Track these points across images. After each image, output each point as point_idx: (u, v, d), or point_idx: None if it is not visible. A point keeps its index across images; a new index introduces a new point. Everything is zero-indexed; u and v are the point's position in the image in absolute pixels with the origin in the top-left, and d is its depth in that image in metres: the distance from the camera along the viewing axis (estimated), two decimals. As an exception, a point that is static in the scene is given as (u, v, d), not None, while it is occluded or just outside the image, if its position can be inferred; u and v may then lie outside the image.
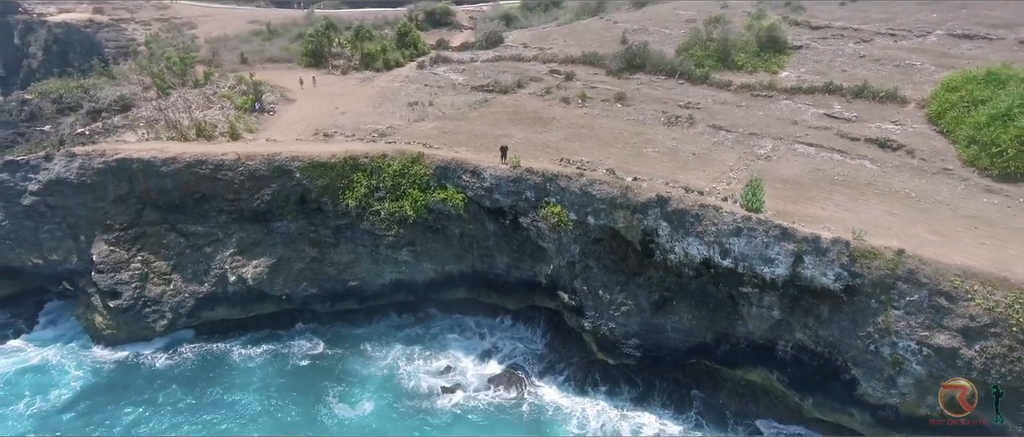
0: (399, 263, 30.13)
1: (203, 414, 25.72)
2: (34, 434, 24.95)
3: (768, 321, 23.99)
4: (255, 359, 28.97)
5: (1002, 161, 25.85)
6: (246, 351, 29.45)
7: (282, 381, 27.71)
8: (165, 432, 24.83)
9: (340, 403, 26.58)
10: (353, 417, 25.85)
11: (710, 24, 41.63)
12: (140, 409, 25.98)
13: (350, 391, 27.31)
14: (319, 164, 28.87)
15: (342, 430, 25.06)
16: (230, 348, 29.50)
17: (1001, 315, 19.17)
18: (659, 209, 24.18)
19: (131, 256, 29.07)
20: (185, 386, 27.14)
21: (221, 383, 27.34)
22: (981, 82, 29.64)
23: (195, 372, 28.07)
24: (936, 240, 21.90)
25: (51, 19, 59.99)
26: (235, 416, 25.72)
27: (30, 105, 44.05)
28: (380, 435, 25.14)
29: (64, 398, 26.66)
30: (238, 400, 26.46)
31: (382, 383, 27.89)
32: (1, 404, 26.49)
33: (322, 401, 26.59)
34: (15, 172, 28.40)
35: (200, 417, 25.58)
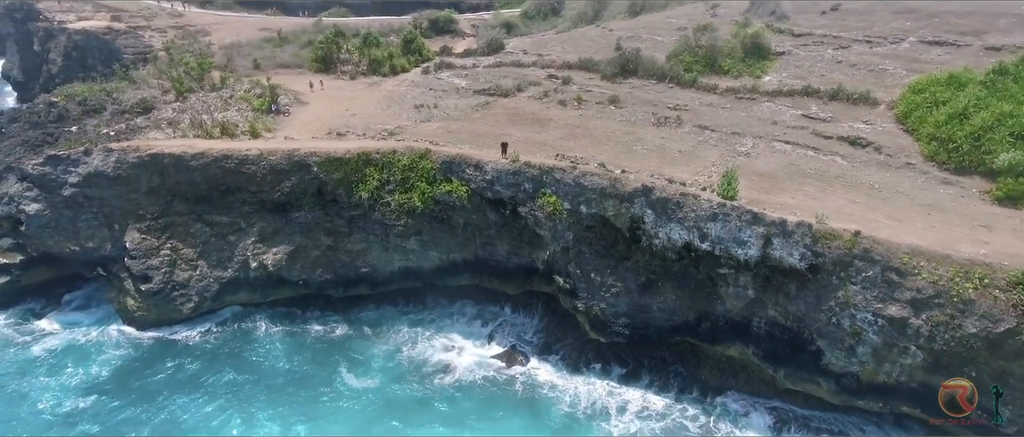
0: (407, 251, 32.79)
1: (232, 385, 28.41)
2: (84, 400, 27.59)
3: (743, 299, 26.60)
4: (276, 338, 31.66)
5: (958, 156, 28.54)
6: (267, 331, 32.15)
7: (301, 357, 30.36)
8: (199, 400, 27.42)
9: (352, 376, 29.30)
10: (363, 387, 28.50)
11: (699, 32, 44.39)
12: (175, 380, 28.72)
13: (361, 366, 29.99)
14: (335, 159, 31.60)
15: (355, 399, 27.64)
16: (253, 328, 32.19)
17: (944, 287, 21.77)
18: (644, 198, 26.86)
19: (161, 243, 31.75)
20: (214, 361, 29.82)
21: (247, 358, 30.03)
22: (944, 85, 32.39)
23: (223, 349, 30.77)
24: (892, 224, 24.54)
25: (71, 26, 62.91)
26: (260, 386, 28.43)
27: (57, 107, 46.77)
28: (388, 406, 27.71)
29: (106, 371, 29.45)
30: (262, 373, 29.21)
31: (389, 359, 30.63)
32: (50, 376, 29.23)
33: (337, 373, 29.28)
34: (57, 165, 31.11)
35: (230, 387, 28.28)
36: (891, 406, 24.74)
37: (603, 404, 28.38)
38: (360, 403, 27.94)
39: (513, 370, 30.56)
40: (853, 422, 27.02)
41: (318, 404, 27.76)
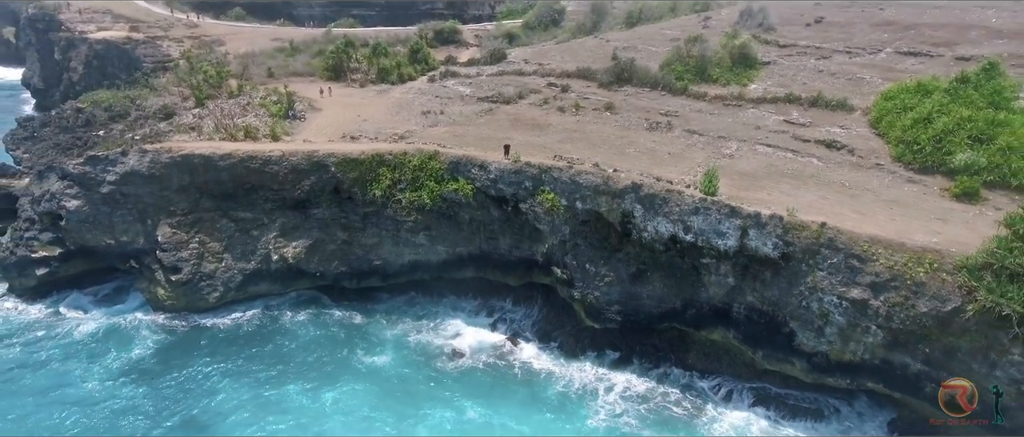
0: (417, 245, 35.59)
1: (260, 363, 31.24)
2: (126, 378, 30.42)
3: (724, 287, 29.35)
4: (297, 324, 34.48)
5: (921, 156, 31.34)
6: (288, 318, 34.96)
7: (321, 340, 33.17)
8: (230, 376, 30.23)
9: (367, 358, 32.10)
10: (379, 366, 31.42)
11: (690, 42, 47.30)
12: (207, 359, 31.49)
13: (376, 348, 32.84)
14: (351, 160, 34.49)
15: (372, 377, 30.47)
16: (275, 315, 35.03)
17: (899, 272, 24.50)
18: (634, 194, 29.67)
19: (190, 237, 34.59)
20: (241, 343, 32.64)
21: (271, 341, 32.83)
22: (912, 92, 35.26)
23: (248, 333, 33.59)
24: (856, 217, 27.31)
25: (92, 36, 66.06)
26: (286, 364, 31.25)
27: (85, 113, 50.02)
28: (402, 383, 30.53)
29: (143, 352, 32.28)
30: (286, 353, 32.06)
31: (401, 343, 33.46)
32: (91, 357, 31.98)
33: (353, 355, 32.11)
34: (96, 165, 33.99)
35: (258, 365, 31.08)
36: (857, 382, 27.38)
37: (593, 387, 31.04)
38: (376, 380, 30.71)
39: (513, 355, 33.29)
40: (825, 400, 29.64)
41: (339, 380, 30.52)
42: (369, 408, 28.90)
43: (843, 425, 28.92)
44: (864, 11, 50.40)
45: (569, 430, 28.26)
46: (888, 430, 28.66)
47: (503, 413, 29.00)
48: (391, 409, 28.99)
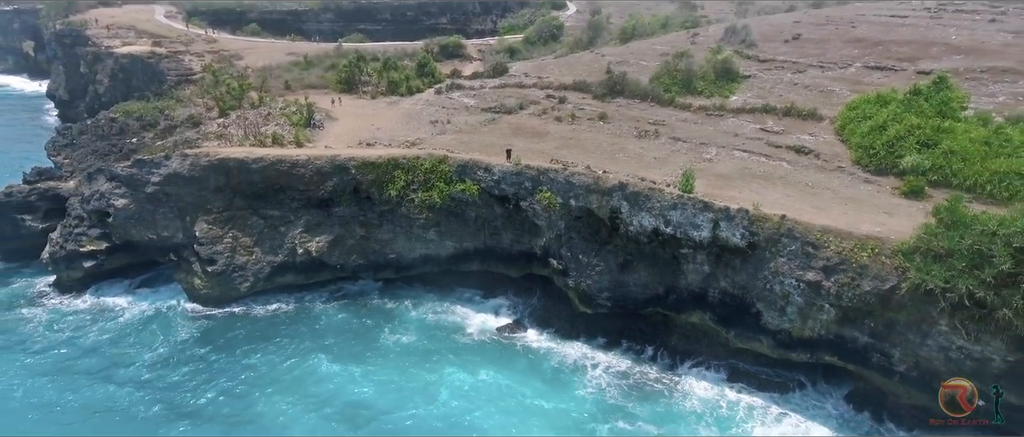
0: (427, 241, 39.84)
1: (293, 341, 35.53)
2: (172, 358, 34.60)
3: (701, 274, 33.53)
4: (322, 309, 38.88)
5: (876, 160, 35.56)
6: (314, 304, 39.32)
7: (348, 324, 37.53)
8: (268, 354, 34.49)
9: (392, 337, 36.68)
10: (401, 343, 35.91)
11: (677, 58, 51.78)
12: (246, 340, 35.70)
13: (398, 330, 37.40)
14: (369, 163, 38.83)
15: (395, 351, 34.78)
16: (301, 302, 39.40)
17: (847, 256, 28.64)
18: (620, 192, 33.95)
19: (224, 233, 38.85)
20: (274, 326, 36.91)
21: (301, 323, 37.23)
22: (872, 102, 39.57)
23: (280, 319, 37.91)
24: (814, 211, 31.50)
25: (118, 51, 70.70)
26: (318, 345, 35.56)
27: (118, 122, 54.41)
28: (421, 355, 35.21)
29: (185, 336, 36.45)
30: (315, 333, 36.46)
31: (421, 325, 37.85)
32: (138, 341, 36.13)
33: (381, 334, 36.69)
34: (142, 168, 38.35)
35: (291, 343, 35.37)
36: (816, 356, 31.44)
37: (583, 363, 35.23)
38: (402, 354, 35.41)
39: (516, 336, 37.47)
40: (790, 375, 33.68)
41: (369, 354, 35.09)
42: (398, 375, 33.47)
43: (806, 397, 32.97)
44: (838, 29, 54.91)
45: (563, 396, 32.37)
46: (846, 401, 32.70)
47: (508, 378, 33.48)
48: (416, 376, 33.54)
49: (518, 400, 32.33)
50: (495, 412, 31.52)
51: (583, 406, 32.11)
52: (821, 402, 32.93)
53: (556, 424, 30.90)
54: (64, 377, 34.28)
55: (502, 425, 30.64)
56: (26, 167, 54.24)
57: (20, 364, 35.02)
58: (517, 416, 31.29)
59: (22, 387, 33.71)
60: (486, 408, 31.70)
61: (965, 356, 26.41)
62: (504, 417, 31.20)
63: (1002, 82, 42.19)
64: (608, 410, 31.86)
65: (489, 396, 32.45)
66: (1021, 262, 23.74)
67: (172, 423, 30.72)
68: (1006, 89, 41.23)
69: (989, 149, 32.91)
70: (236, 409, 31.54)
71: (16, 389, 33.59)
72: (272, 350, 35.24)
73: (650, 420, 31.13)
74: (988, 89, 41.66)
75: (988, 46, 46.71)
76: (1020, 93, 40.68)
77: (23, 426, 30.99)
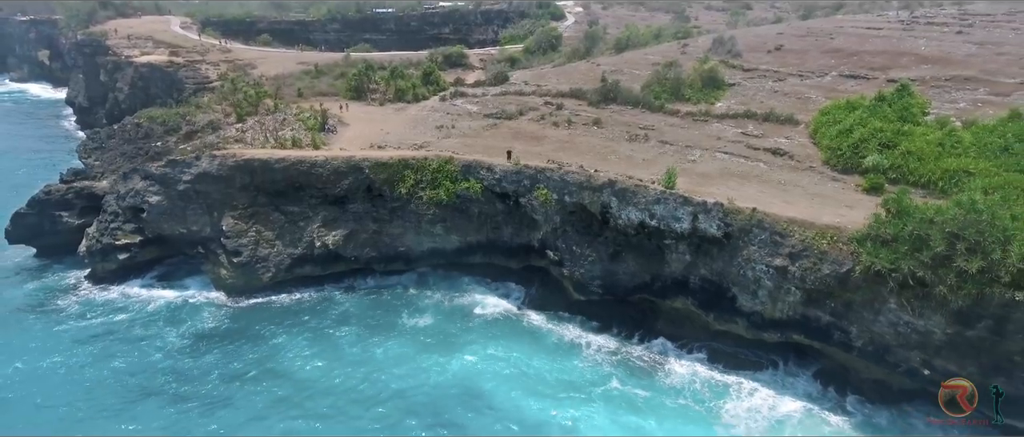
0: (434, 235, 43.70)
1: (316, 325, 39.40)
2: (202, 343, 38.33)
3: (683, 262, 37.34)
4: (342, 297, 42.92)
5: (843, 160, 39.38)
6: (333, 293, 43.25)
7: (367, 310, 41.54)
8: (293, 338, 38.23)
9: (409, 320, 40.65)
10: (418, 326, 39.97)
11: (666, 67, 55.74)
12: (272, 325, 39.51)
13: (414, 314, 41.41)
14: (381, 163, 42.75)
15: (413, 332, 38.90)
16: (321, 291, 43.34)
17: (809, 244, 32.43)
18: (610, 188, 37.82)
19: (248, 227, 42.70)
20: (298, 312, 40.83)
21: (323, 310, 41.13)
22: (842, 108, 43.46)
23: (302, 307, 41.83)
24: (783, 205, 35.32)
25: (137, 60, 74.90)
26: (340, 328, 39.34)
27: (143, 127, 58.32)
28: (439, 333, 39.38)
29: (213, 322, 40.28)
30: (336, 318, 40.42)
31: (436, 310, 41.93)
32: (169, 326, 39.88)
33: (399, 318, 40.73)
34: (175, 167, 42.28)
35: (314, 327, 39.22)
36: (785, 335, 35.19)
37: (579, 341, 39.03)
38: (419, 334, 39.47)
39: (518, 319, 41.30)
40: (764, 356, 37.28)
41: (390, 335, 39.00)
42: (415, 351, 37.57)
43: (777, 375, 36.59)
44: (818, 40, 58.85)
45: (563, 367, 36.28)
46: (814, 378, 36.33)
47: (514, 353, 37.73)
48: (433, 351, 37.59)
49: (523, 370, 36.22)
50: (503, 379, 35.38)
51: (582, 375, 36.01)
52: (791, 379, 36.52)
53: (557, 389, 34.72)
54: (101, 358, 37.84)
55: (508, 390, 34.43)
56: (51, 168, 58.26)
57: (61, 347, 38.69)
58: (522, 383, 35.12)
59: (65, 366, 37.39)
60: (495, 377, 35.61)
61: (911, 330, 30.18)
62: (510, 383, 35.03)
63: (964, 89, 46.07)
64: (603, 377, 35.74)
65: (497, 367, 36.45)
66: (953, 245, 27.49)
67: (204, 395, 34.38)
68: (967, 96, 45.11)
69: (942, 150, 36.79)
70: (266, 381, 35.24)
71: (59, 367, 37.26)
72: (296, 332, 39.07)
73: (638, 387, 34.87)
74: (951, 96, 45.53)
75: (954, 56, 50.66)
76: (979, 99, 44.55)
77: (67, 399, 34.46)
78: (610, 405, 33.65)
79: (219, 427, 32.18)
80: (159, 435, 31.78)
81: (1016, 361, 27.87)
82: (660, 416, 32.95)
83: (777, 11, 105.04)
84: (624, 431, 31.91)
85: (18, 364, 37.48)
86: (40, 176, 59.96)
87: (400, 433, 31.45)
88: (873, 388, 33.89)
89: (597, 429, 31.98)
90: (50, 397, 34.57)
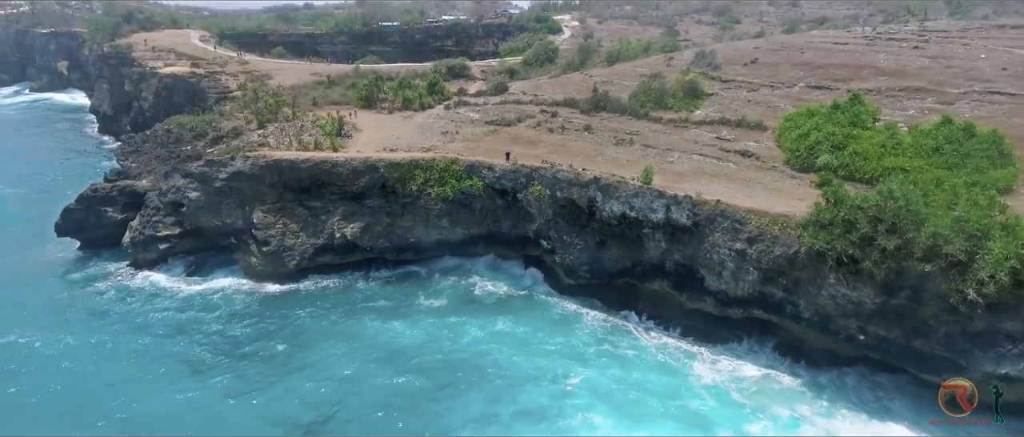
0: (441, 227, 49.65)
1: (340, 306, 45.18)
2: (237, 323, 44.13)
3: (659, 249, 43.23)
4: (364, 286, 48.71)
5: (800, 160, 45.34)
6: (353, 279, 49.21)
7: (385, 293, 47.33)
8: (319, 318, 44.03)
9: (425, 301, 46.50)
10: (433, 307, 45.84)
11: (652, 78, 61.89)
12: (300, 307, 45.25)
13: (430, 296, 47.22)
14: (394, 164, 48.76)
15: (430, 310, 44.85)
16: (342, 278, 49.26)
17: (763, 230, 38.31)
18: (595, 184, 43.81)
19: (276, 220, 48.62)
20: (322, 298, 46.65)
21: (346, 294, 47.01)
22: (804, 115, 49.51)
23: (326, 292, 47.75)
24: (744, 198, 41.21)
25: (161, 71, 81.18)
26: (361, 309, 45.10)
27: (174, 133, 64.40)
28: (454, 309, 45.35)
29: (246, 305, 45.81)
30: (358, 300, 46.26)
31: (445, 292, 47.78)
32: (205, 310, 45.27)
33: (415, 299, 46.49)
34: (213, 167, 48.29)
35: (338, 307, 45.03)
36: (747, 311, 40.96)
37: (571, 318, 44.87)
38: (435, 313, 45.27)
39: (522, 295, 47.36)
40: (731, 332, 42.94)
41: (408, 314, 44.78)
42: (430, 326, 43.37)
43: (740, 346, 42.24)
44: (789, 54, 64.98)
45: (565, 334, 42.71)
46: (773, 350, 42.03)
47: (520, 326, 43.65)
48: (448, 326, 43.50)
49: (525, 339, 42.17)
50: (508, 345, 41.30)
51: (575, 341, 42.05)
52: (753, 353, 42.11)
53: (553, 351, 40.79)
54: (143, 335, 43.29)
55: (512, 353, 40.29)
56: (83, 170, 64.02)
57: (108, 326, 44.27)
58: (524, 348, 41.01)
59: (112, 341, 42.90)
60: (501, 343, 41.56)
61: (847, 301, 36.02)
62: (514, 348, 40.94)
63: (915, 99, 52.18)
64: (599, 341, 41.99)
65: (505, 337, 42.45)
66: (876, 227, 33.37)
67: (238, 366, 39.93)
68: (916, 104, 51.20)
69: (884, 151, 42.81)
70: (295, 354, 40.92)
71: (107, 343, 42.74)
72: (321, 313, 44.89)
73: (627, 348, 40.88)
74: (903, 104, 51.63)
75: (908, 69, 56.78)
76: (927, 108, 50.61)
77: (116, 370, 39.82)
78: (600, 362, 39.57)
79: (252, 391, 37.52)
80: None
81: (931, 324, 33.70)
82: (643, 370, 38.83)
83: (764, 25, 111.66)
84: (611, 382, 37.67)
85: (70, 339, 42.99)
86: (71, 178, 66.15)
87: (419, 389, 37.08)
88: (822, 356, 39.60)
89: (588, 381, 37.74)
90: (101, 366, 39.87)
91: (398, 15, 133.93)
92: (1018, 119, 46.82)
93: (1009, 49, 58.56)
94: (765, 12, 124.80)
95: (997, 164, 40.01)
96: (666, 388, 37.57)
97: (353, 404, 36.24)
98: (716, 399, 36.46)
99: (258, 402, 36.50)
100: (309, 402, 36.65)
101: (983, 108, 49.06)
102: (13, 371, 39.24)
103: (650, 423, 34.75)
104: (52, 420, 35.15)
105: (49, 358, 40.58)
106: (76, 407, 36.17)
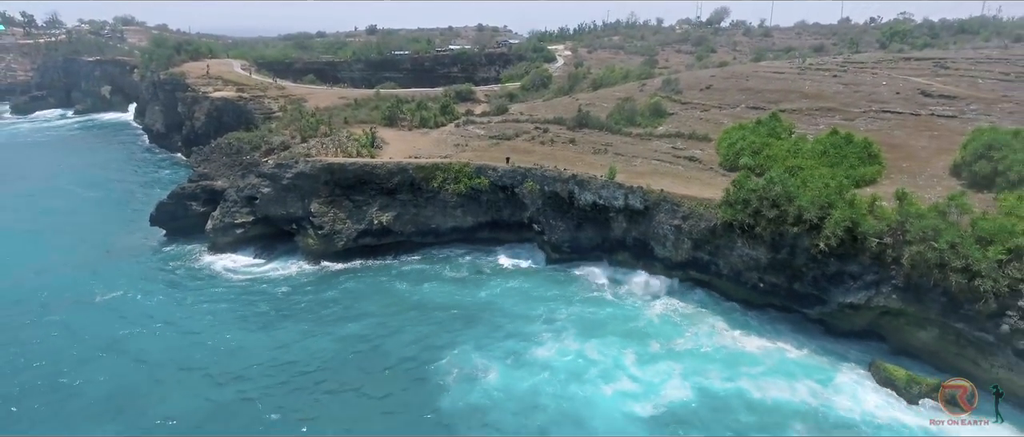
0: (456, 216, 65.69)
1: (379, 281, 60.62)
2: (298, 294, 59.84)
3: (622, 228, 59.19)
4: (397, 262, 64.25)
5: (729, 162, 61.56)
6: (389, 257, 64.85)
7: (415, 268, 62.60)
8: (364, 287, 59.58)
9: (448, 273, 61.72)
10: (455, 277, 61.09)
11: (625, 101, 78.40)
12: (344, 282, 60.42)
13: (452, 269, 62.30)
14: (421, 166, 64.98)
15: (452, 280, 60.27)
16: (380, 257, 64.88)
17: (693, 210, 54.24)
18: (573, 180, 59.97)
19: (328, 210, 64.57)
20: (364, 273, 62.12)
21: (383, 268, 62.52)
22: (735, 129, 65.84)
23: (368, 269, 63.73)
24: (684, 189, 57.28)
25: (212, 95, 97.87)
26: (395, 279, 60.61)
27: (234, 145, 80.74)
28: (470, 282, 60.31)
29: (305, 281, 60.87)
30: (393, 273, 61.59)
31: (463, 266, 63.16)
32: (270, 285, 60.35)
33: (442, 271, 61.63)
34: (280, 167, 64.45)
35: (377, 278, 60.57)
36: (686, 272, 56.75)
37: (563, 277, 60.57)
38: (455, 282, 59.80)
39: (526, 266, 63.07)
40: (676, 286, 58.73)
41: (433, 282, 59.69)
42: (452, 289, 58.59)
43: (688, 296, 57.87)
44: (737, 82, 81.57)
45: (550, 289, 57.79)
46: (705, 294, 57.59)
47: (524, 284, 58.84)
48: (466, 289, 58.44)
49: (527, 293, 57.44)
50: (514, 298, 56.50)
51: (568, 292, 57.35)
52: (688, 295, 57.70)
53: (549, 298, 56.08)
54: (223, 302, 58.25)
55: (516, 302, 55.49)
56: (147, 176, 79.87)
57: (196, 290, 59.72)
58: (527, 299, 56.28)
59: (198, 299, 58.23)
60: (508, 297, 56.72)
61: (750, 258, 51.81)
62: (518, 299, 56.18)
63: (826, 116, 68.57)
64: (582, 292, 57.43)
65: (510, 292, 57.62)
66: (762, 202, 49.23)
67: (305, 315, 55.17)
68: (826, 121, 67.53)
69: (789, 154, 59.01)
70: (349, 307, 56.34)
71: (197, 302, 58.11)
72: (364, 282, 60.44)
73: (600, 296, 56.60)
74: (816, 121, 68.00)
75: (825, 93, 73.32)
76: (834, 123, 66.86)
77: (202, 320, 54.69)
78: (580, 305, 55.13)
79: (317, 332, 52.53)
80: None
81: (803, 271, 49.42)
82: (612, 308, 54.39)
83: (736, 54, 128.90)
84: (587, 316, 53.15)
85: (161, 297, 58.32)
86: (140, 183, 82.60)
87: (441, 325, 52.44)
88: (739, 300, 55.21)
89: (569, 316, 53.20)
90: (191, 316, 54.62)
91: (407, 44, 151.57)
92: (899, 131, 63.30)
93: (906, 77, 75.14)
94: (739, 42, 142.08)
95: (866, 163, 56.18)
96: (627, 316, 53.17)
97: (393, 336, 51.67)
98: (661, 321, 52.07)
99: (319, 337, 51.73)
100: (361, 336, 51.93)
101: (875, 123, 65.50)
102: (121, 314, 54.22)
103: (608, 336, 50.01)
104: (161, 353, 48.75)
105: (150, 307, 55.64)
106: (179, 345, 49.69)
